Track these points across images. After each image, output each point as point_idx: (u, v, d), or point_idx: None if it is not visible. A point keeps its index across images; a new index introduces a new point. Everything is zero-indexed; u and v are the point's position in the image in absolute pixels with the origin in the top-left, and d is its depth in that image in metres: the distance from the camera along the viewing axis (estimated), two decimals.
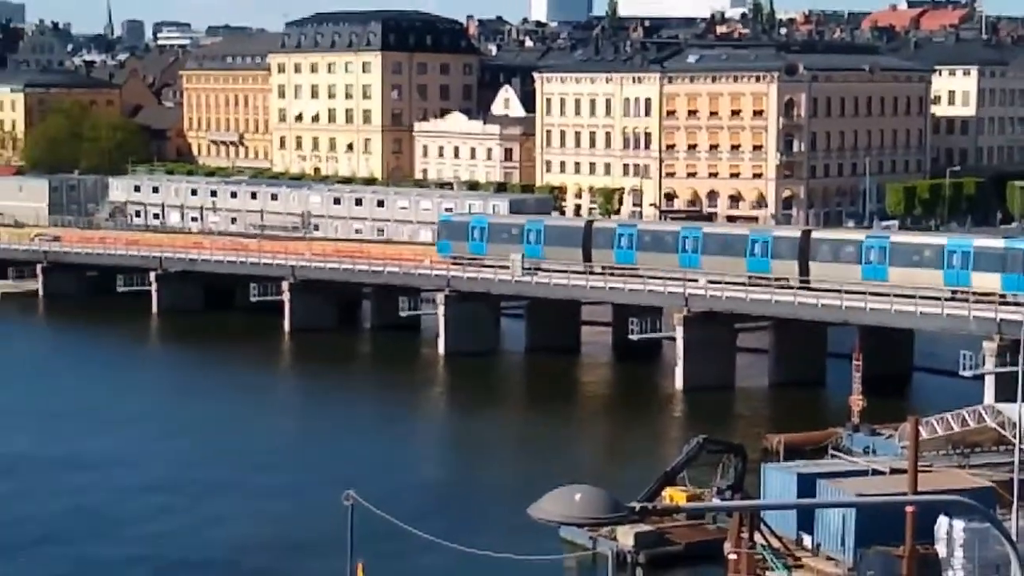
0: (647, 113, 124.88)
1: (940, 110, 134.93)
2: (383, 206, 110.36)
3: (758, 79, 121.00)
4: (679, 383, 75.00)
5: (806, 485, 47.46)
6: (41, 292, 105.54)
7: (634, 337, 79.49)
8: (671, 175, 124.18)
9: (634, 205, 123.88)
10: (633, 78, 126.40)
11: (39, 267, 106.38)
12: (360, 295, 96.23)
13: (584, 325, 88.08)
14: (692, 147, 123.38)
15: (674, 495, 48.80)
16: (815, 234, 78.81)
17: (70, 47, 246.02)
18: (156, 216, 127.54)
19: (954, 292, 69.83)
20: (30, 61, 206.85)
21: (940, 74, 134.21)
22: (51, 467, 60.59)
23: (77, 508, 54.70)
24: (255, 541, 50.85)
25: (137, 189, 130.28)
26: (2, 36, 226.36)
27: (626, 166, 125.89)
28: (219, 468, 61.00)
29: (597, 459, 63.75)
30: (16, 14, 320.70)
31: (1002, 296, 68.68)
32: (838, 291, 72.72)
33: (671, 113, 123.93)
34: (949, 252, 71.43)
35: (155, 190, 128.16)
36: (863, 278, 72.40)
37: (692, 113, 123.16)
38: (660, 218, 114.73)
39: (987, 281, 69.51)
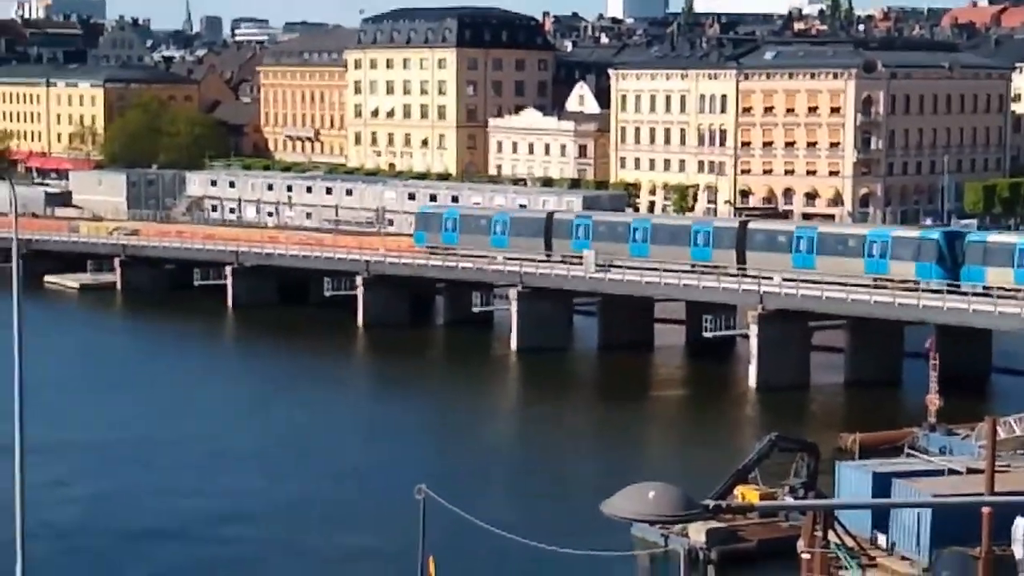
0: (723, 110, 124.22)
1: (1020, 108, 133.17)
2: (457, 202, 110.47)
3: (836, 76, 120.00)
4: (753, 381, 74.55)
5: (881, 484, 46.98)
6: (119, 285, 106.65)
7: (708, 335, 79.13)
8: (746, 172, 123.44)
9: (709, 202, 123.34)
10: (709, 74, 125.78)
11: (117, 261, 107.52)
12: (433, 290, 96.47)
13: (657, 322, 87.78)
14: (768, 144, 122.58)
15: (746, 493, 48.49)
16: (751, 224, 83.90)
17: (149, 43, 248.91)
18: (232, 211, 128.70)
19: (875, 280, 74.24)
20: (110, 57, 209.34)
21: (1021, 71, 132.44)
22: (142, 462, 61.20)
23: (160, 494, 55.24)
24: (325, 534, 51.10)
25: (214, 184, 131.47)
26: (83, 32, 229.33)
27: (701, 163, 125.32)
28: (289, 461, 61.34)
29: (669, 456, 63.49)
30: (97, 10, 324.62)
31: (916, 283, 72.57)
32: (915, 290, 72.06)
33: (747, 110, 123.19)
34: (870, 241, 75.81)
35: (232, 185, 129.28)
36: (793, 266, 77.23)
37: (768, 110, 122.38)
38: (734, 215, 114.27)
39: (903, 269, 74.02)
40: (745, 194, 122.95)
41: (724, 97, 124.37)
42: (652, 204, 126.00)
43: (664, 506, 12.83)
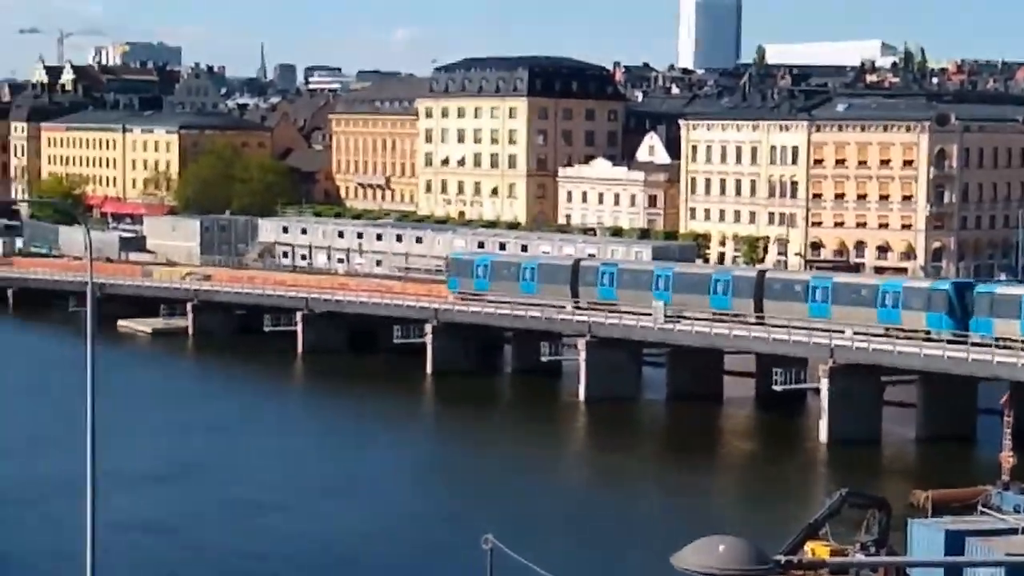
0: (794, 161, 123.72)
1: None
2: (527, 251, 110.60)
3: (908, 129, 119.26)
4: (823, 435, 73.83)
5: (954, 542, 46.30)
6: (191, 330, 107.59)
7: (778, 388, 78.60)
8: (817, 224, 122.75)
9: (779, 254, 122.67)
10: (780, 126, 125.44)
11: (189, 305, 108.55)
12: (502, 339, 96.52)
13: (726, 374, 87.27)
14: (840, 196, 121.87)
15: (817, 549, 47.93)
16: (768, 274, 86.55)
17: (224, 90, 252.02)
18: (303, 257, 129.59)
19: (887, 329, 75.96)
20: (185, 104, 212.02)
21: None
22: (207, 502, 61.48)
23: (224, 534, 55.42)
24: None
25: (285, 230, 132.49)
26: (159, 79, 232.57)
27: (771, 215, 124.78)
28: (356, 507, 61.39)
29: (739, 510, 62.91)
30: (173, 57, 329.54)
31: (927, 333, 74.29)
32: (989, 345, 71.24)
33: (819, 162, 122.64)
34: (883, 292, 77.58)
35: (303, 231, 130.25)
36: (809, 315, 79.32)
37: (840, 162, 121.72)
38: (804, 267, 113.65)
39: (914, 319, 75.67)
40: (816, 246, 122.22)
41: (795, 148, 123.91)
42: (722, 255, 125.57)
43: (735, 560, 12.71)
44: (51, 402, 77.61)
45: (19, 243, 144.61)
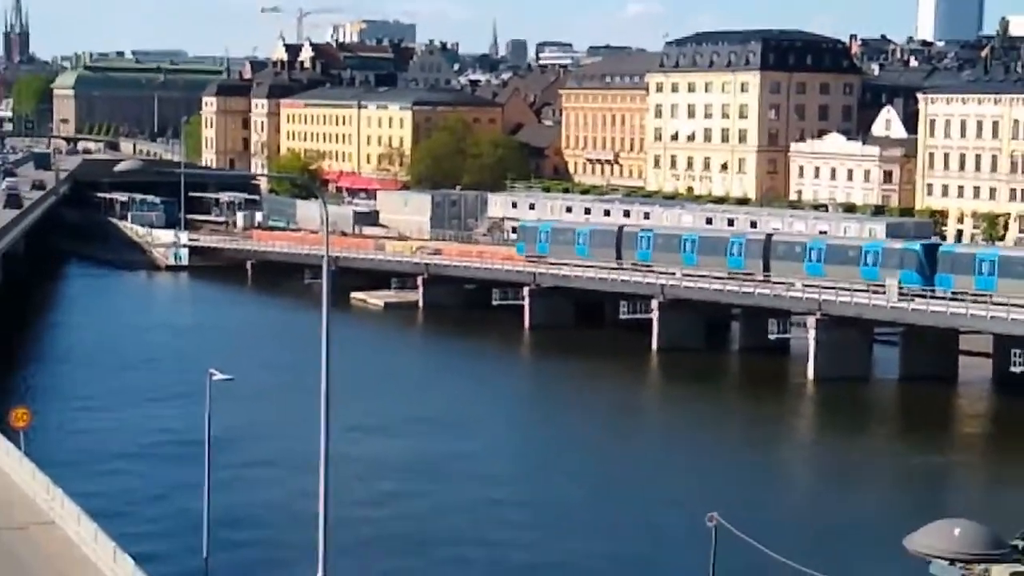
0: None
1: None
2: (755, 227, 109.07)
3: None
4: None
5: None
6: (421, 303, 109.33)
7: (1016, 369, 76.13)
8: None
9: (1021, 231, 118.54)
10: None
11: (420, 279, 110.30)
12: (729, 316, 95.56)
13: (962, 355, 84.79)
14: None
15: None
16: (775, 237, 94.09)
17: (456, 66, 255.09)
18: None
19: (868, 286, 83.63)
20: (419, 80, 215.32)
21: None
22: (429, 477, 62.45)
23: (446, 510, 56.21)
24: (613, 557, 51.00)
25: (514, 206, 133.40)
26: (394, 56, 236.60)
27: (1013, 191, 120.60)
28: (578, 484, 61.55)
29: (974, 494, 61.09)
30: (408, 34, 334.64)
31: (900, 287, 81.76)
32: None
33: None
34: (865, 252, 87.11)
35: (531, 207, 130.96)
36: (807, 273, 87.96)
37: None
38: None
39: (889, 276, 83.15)
40: None
41: None
42: (960, 233, 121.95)
43: (970, 545, 12.23)
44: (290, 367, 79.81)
45: (258, 217, 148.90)
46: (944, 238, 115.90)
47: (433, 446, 67.09)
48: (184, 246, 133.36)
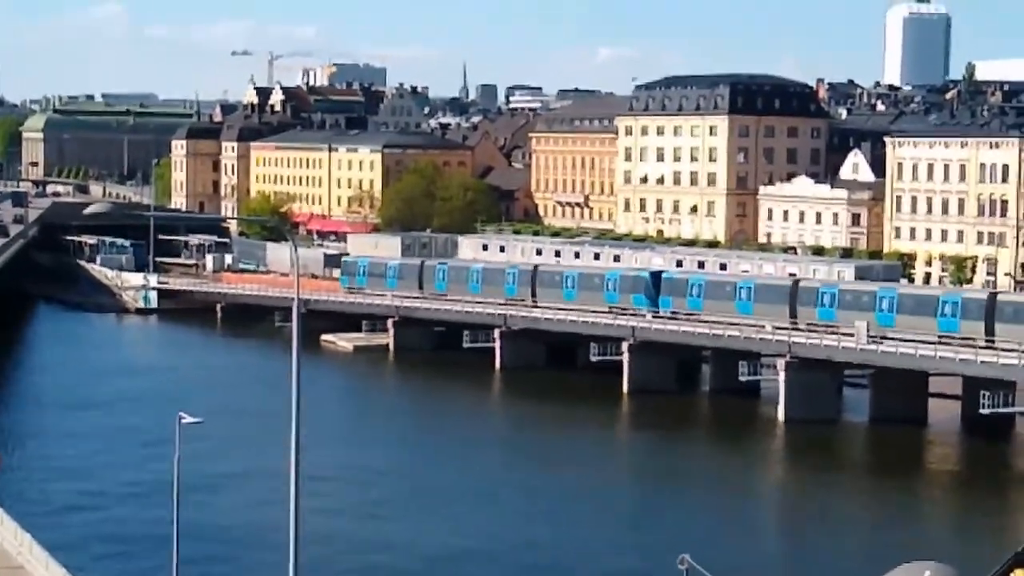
0: (1004, 179, 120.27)
1: None
2: (725, 269, 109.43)
3: None
4: None
5: None
6: (391, 346, 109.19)
7: (985, 411, 76.36)
8: None
9: (988, 274, 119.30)
10: (990, 143, 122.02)
11: (390, 322, 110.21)
12: (699, 358, 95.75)
13: (931, 397, 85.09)
14: None
15: None
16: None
17: (427, 110, 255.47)
18: None
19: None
20: (389, 123, 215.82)
21: None
22: (404, 517, 62.20)
23: (425, 547, 55.96)
24: None
25: (485, 248, 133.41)
26: (364, 99, 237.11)
27: (980, 234, 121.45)
28: (548, 527, 61.39)
29: (943, 536, 61.19)
30: (378, 78, 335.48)
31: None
32: None
33: None
34: (607, 279, 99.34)
35: (502, 249, 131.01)
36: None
37: None
38: (1015, 288, 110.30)
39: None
40: None
41: (1006, 166, 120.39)
42: (928, 275, 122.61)
43: None
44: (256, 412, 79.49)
45: (228, 259, 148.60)
46: (912, 280, 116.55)
47: (398, 498, 66.82)
48: (154, 289, 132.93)
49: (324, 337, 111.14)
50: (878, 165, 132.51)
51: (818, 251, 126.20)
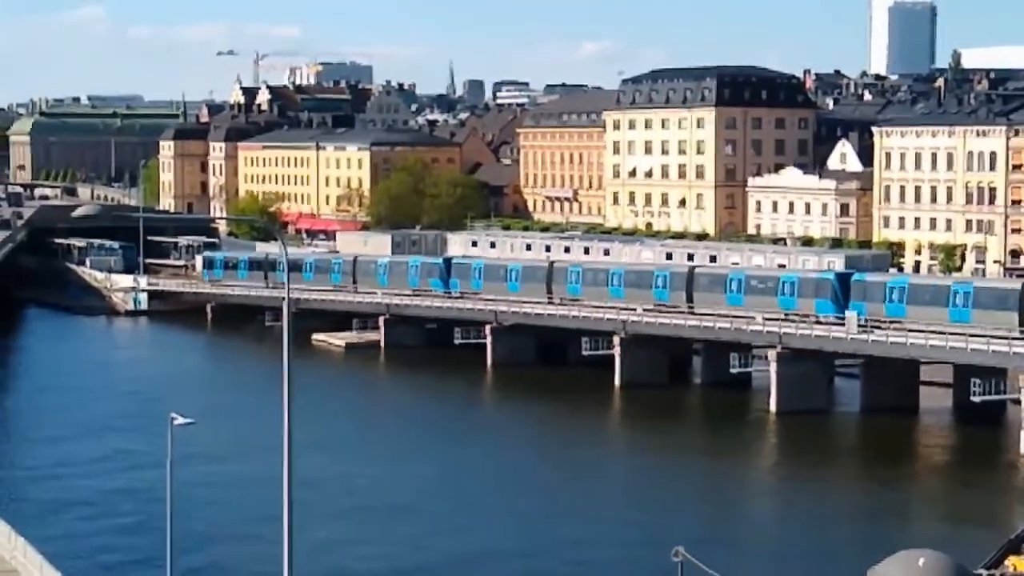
0: (992, 167, 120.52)
1: None
2: (715, 261, 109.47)
3: None
4: (1023, 447, 71.63)
5: None
6: (383, 343, 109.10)
7: (976, 399, 76.51)
8: (1017, 231, 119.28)
9: (977, 262, 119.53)
10: (977, 131, 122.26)
11: (381, 319, 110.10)
12: (691, 351, 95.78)
13: (923, 385, 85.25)
14: None
15: (1019, 564, 46.41)
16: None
17: (414, 107, 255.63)
18: None
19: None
20: (376, 121, 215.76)
21: None
22: (403, 521, 62.18)
23: (422, 551, 55.96)
24: None
25: (474, 244, 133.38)
26: (351, 97, 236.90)
27: (968, 222, 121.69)
28: (540, 520, 61.40)
29: (936, 524, 61.29)
30: (364, 76, 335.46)
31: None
32: None
33: (1017, 167, 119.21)
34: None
35: (492, 245, 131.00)
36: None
37: None
38: (1003, 275, 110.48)
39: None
40: (1016, 254, 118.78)
41: (993, 154, 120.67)
42: (917, 264, 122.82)
43: (935, 574, 12.28)
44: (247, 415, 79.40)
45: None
46: (901, 269, 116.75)
47: (391, 490, 66.81)
48: (143, 290, 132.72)
49: (315, 336, 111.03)
50: (866, 155, 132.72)
51: (807, 242, 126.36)
